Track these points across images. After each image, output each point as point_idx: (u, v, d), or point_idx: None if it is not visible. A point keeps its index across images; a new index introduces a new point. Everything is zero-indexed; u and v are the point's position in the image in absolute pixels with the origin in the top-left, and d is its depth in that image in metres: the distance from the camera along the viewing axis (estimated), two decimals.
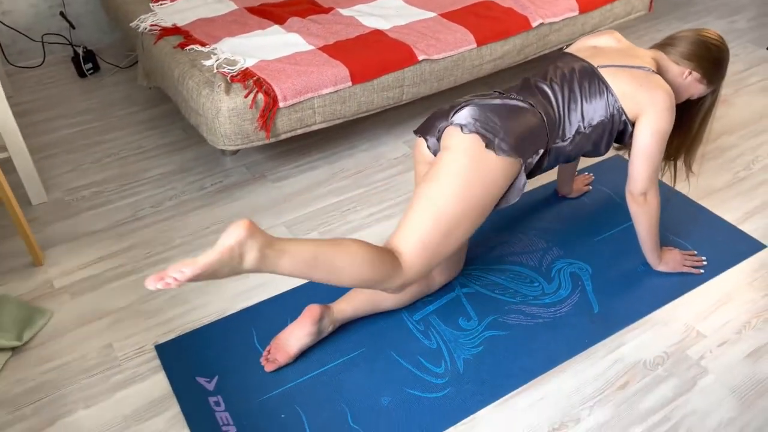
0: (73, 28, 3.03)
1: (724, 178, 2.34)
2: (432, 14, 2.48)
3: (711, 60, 1.80)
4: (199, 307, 1.85)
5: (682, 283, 1.91)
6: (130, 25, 2.52)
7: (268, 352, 1.68)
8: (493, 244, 2.04)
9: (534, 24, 2.49)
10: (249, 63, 2.13)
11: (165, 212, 2.19)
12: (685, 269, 1.93)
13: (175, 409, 1.58)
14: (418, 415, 1.56)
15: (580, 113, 1.68)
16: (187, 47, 2.24)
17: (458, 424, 1.54)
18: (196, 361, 1.69)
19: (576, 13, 2.61)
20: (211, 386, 1.63)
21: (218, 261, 1.24)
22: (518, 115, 1.59)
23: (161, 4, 2.59)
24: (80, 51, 2.92)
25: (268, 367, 1.65)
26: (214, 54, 2.19)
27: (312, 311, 1.66)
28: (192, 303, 1.86)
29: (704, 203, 2.21)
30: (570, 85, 1.68)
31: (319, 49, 2.24)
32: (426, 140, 1.67)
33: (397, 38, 2.31)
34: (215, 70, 2.09)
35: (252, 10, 2.52)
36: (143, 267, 1.98)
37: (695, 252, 2.00)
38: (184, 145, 2.53)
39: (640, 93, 1.67)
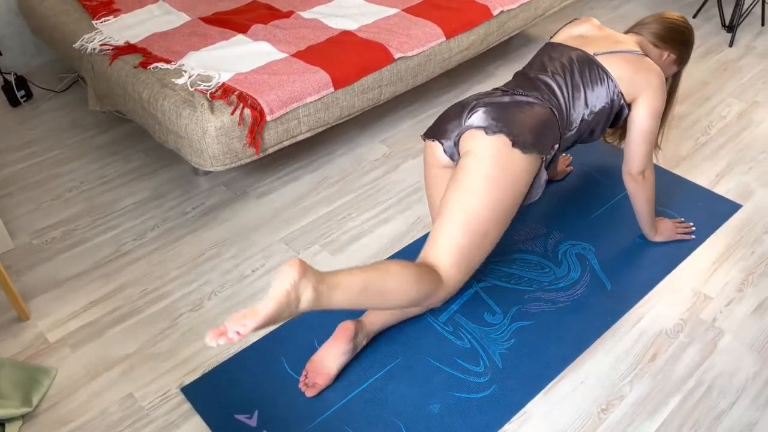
0: (0, 54, 2.77)
1: (687, 145, 2.47)
2: (395, 10, 2.46)
3: (683, 42, 1.90)
4: None
5: (678, 250, 2.00)
6: (74, 46, 2.33)
7: (305, 377, 1.62)
8: None
9: (495, 12, 2.52)
10: (224, 77, 2.02)
11: (150, 244, 2.06)
12: (678, 236, 2.03)
13: None
14: (470, 417, 1.56)
15: (583, 102, 1.71)
16: (151, 66, 2.10)
17: (512, 420, 1.55)
18: (230, 398, 1.60)
19: None
20: (253, 422, 1.55)
21: (278, 307, 1.24)
22: (533, 112, 1.61)
23: (104, 21, 2.41)
24: (11, 78, 2.68)
25: (309, 393, 1.59)
26: (184, 71, 2.06)
27: (346, 328, 1.62)
28: None
29: (677, 172, 2.33)
30: (571, 75, 1.71)
31: (293, 56, 2.16)
32: (441, 144, 1.65)
33: (368, 38, 2.26)
34: (191, 89, 1.97)
35: (208, 20, 2.40)
36: (142, 307, 1.85)
37: (683, 219, 2.11)
38: (151, 169, 2.38)
39: (637, 76, 1.73)
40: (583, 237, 2.06)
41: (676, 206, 2.17)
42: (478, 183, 1.52)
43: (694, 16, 3.41)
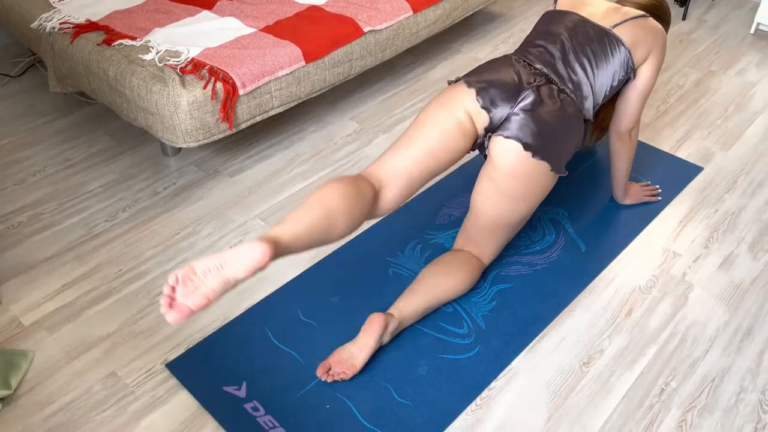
0: None
1: (649, 113, 2.55)
2: None
3: (665, 10, 1.95)
4: (199, 316, 1.73)
5: (647, 212, 2.07)
6: (31, 26, 2.25)
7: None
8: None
9: None
10: (194, 53, 1.99)
11: (123, 224, 2.02)
12: (646, 199, 2.10)
13: (212, 425, 1.48)
14: (458, 377, 1.58)
15: (605, 81, 1.72)
16: (115, 43, 2.05)
17: (499, 377, 1.59)
18: (217, 371, 1.59)
19: None
20: (242, 393, 1.54)
21: (369, 356, 1.56)
22: (572, 129, 1.65)
23: (62, 0, 2.33)
24: None
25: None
26: (151, 47, 2.02)
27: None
28: None
29: (641, 138, 2.40)
30: (597, 57, 1.71)
31: (262, 30, 2.14)
32: (491, 112, 1.59)
33: (337, 12, 2.26)
34: (160, 64, 1.93)
35: None
36: (119, 286, 1.81)
37: (649, 182, 2.18)
38: (116, 151, 2.32)
39: (648, 38, 1.76)
40: (554, 203, 2.10)
41: (642, 170, 2.24)
42: (519, 201, 1.66)
43: None
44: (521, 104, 1.59)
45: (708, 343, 1.67)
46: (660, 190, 2.15)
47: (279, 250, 1.24)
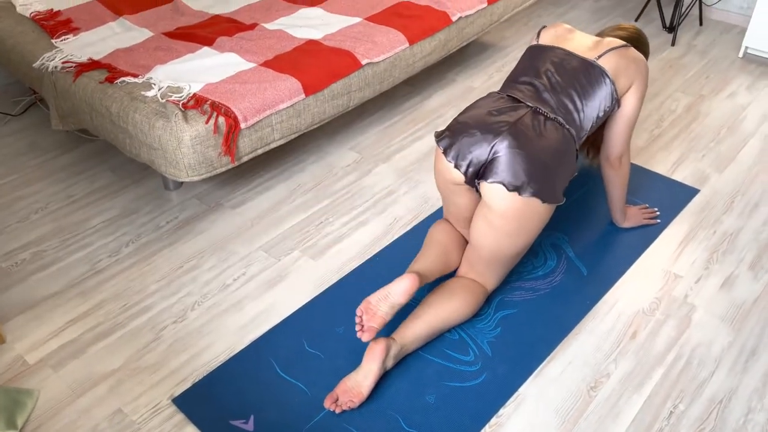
0: None
1: (643, 137, 2.59)
2: (357, 19, 2.50)
3: (643, 40, 2.01)
4: (204, 349, 1.73)
5: (646, 235, 2.09)
6: (33, 65, 2.28)
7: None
8: None
9: (454, 18, 2.60)
10: (195, 88, 2.02)
11: (126, 259, 2.02)
12: (645, 221, 2.12)
13: None
14: (466, 405, 1.58)
15: (593, 110, 1.75)
16: (117, 80, 2.08)
17: (507, 404, 1.58)
18: (224, 405, 1.58)
19: (485, 4, 2.75)
20: (249, 426, 1.54)
21: (374, 382, 1.58)
22: (563, 156, 1.65)
23: (64, 40, 2.37)
24: None
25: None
26: (153, 84, 2.05)
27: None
28: (195, 347, 1.74)
29: (636, 162, 2.44)
30: (583, 88, 1.74)
31: (262, 65, 2.18)
32: (459, 167, 1.64)
33: (334, 46, 2.30)
34: (162, 100, 1.96)
35: (172, 35, 2.39)
36: (124, 321, 1.81)
37: (647, 205, 2.20)
38: (118, 186, 2.34)
39: (630, 68, 1.80)
40: (555, 227, 2.12)
41: (640, 193, 2.27)
42: (515, 237, 1.67)
43: (636, 20, 3.59)
44: (501, 146, 1.58)
45: (714, 364, 1.68)
46: (658, 213, 2.17)
47: (422, 278, 1.64)
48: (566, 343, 1.74)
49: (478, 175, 1.64)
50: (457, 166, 1.65)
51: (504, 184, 1.57)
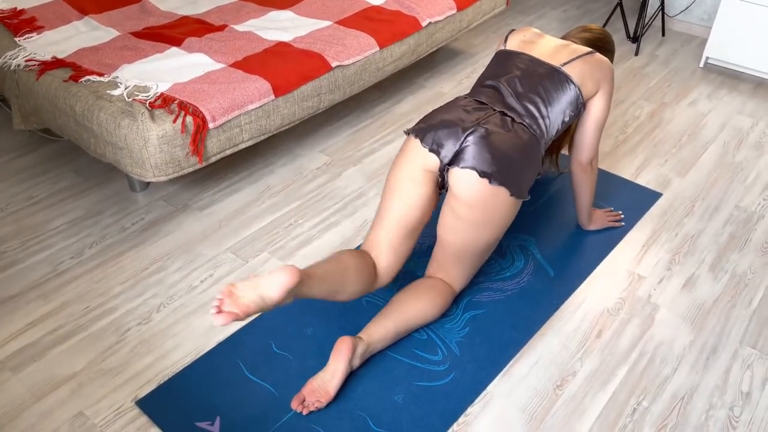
0: None
1: (608, 142, 2.64)
2: (328, 23, 2.51)
3: (609, 50, 2.05)
4: (170, 351, 1.70)
5: (611, 237, 2.13)
6: None
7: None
8: None
9: (423, 24, 2.62)
10: (162, 88, 2.00)
11: (90, 261, 1.98)
12: (610, 224, 2.16)
13: None
14: (434, 404, 1.58)
15: (558, 115, 1.78)
16: (82, 79, 2.05)
17: (475, 403, 1.59)
18: (189, 407, 1.56)
19: (454, 11, 2.79)
20: (215, 428, 1.51)
21: (341, 381, 1.56)
22: (530, 153, 1.67)
23: (28, 38, 2.33)
24: None
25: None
26: (119, 83, 2.02)
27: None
28: (160, 349, 1.71)
29: (602, 167, 2.48)
30: (548, 94, 1.77)
31: (231, 66, 2.16)
32: (437, 153, 1.64)
33: (305, 48, 2.30)
34: (129, 99, 1.93)
35: (139, 35, 2.36)
36: (86, 324, 1.77)
37: (612, 208, 2.25)
38: (82, 188, 2.29)
39: (596, 72, 1.84)
40: (522, 230, 2.15)
41: (605, 197, 2.31)
42: (482, 228, 1.68)
43: None
44: (471, 136, 1.61)
45: (676, 362, 1.71)
46: (623, 216, 2.22)
47: (303, 279, 1.43)
48: (533, 343, 1.76)
49: (449, 164, 1.65)
50: (434, 152, 1.64)
51: (476, 170, 1.59)
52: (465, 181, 1.61)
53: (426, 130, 1.68)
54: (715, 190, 2.37)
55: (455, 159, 1.63)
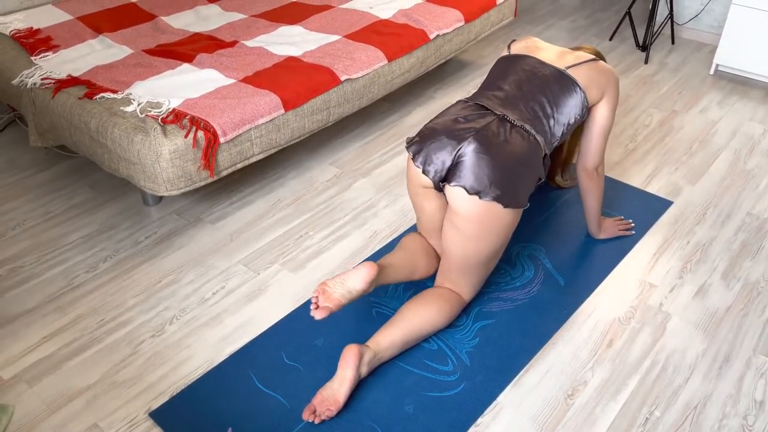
0: None
1: (618, 151, 2.64)
2: (336, 37, 2.54)
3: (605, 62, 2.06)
4: (182, 363, 1.72)
5: (622, 245, 2.13)
6: (12, 82, 2.28)
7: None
8: None
9: (431, 36, 2.65)
10: (174, 103, 2.03)
11: (104, 275, 2.01)
12: (620, 233, 2.16)
13: None
14: (445, 414, 1.58)
15: (563, 118, 1.79)
16: (97, 96, 2.09)
17: (485, 413, 1.59)
18: (202, 419, 1.57)
19: (462, 23, 2.81)
20: None
21: (350, 389, 1.57)
22: (527, 160, 1.66)
23: (44, 57, 2.38)
24: None
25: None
26: (132, 99, 2.06)
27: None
28: (173, 361, 1.73)
29: (612, 175, 2.48)
30: (554, 95, 1.77)
31: (241, 81, 2.20)
32: (427, 173, 1.67)
33: (314, 62, 2.33)
34: (142, 115, 1.97)
35: (152, 52, 2.41)
36: (101, 336, 1.80)
37: (622, 217, 2.24)
38: (97, 203, 2.33)
39: (601, 79, 1.85)
40: (532, 239, 2.15)
41: (615, 205, 2.31)
42: (482, 240, 1.68)
43: (610, 39, 3.67)
44: (465, 149, 1.61)
45: (688, 371, 1.70)
46: (633, 224, 2.21)
47: (381, 269, 1.68)
48: (544, 352, 1.75)
49: (444, 179, 1.66)
50: (424, 172, 1.68)
51: (465, 188, 1.60)
52: (458, 198, 1.63)
53: (420, 145, 1.69)
54: (727, 198, 2.35)
55: (449, 174, 1.64)
